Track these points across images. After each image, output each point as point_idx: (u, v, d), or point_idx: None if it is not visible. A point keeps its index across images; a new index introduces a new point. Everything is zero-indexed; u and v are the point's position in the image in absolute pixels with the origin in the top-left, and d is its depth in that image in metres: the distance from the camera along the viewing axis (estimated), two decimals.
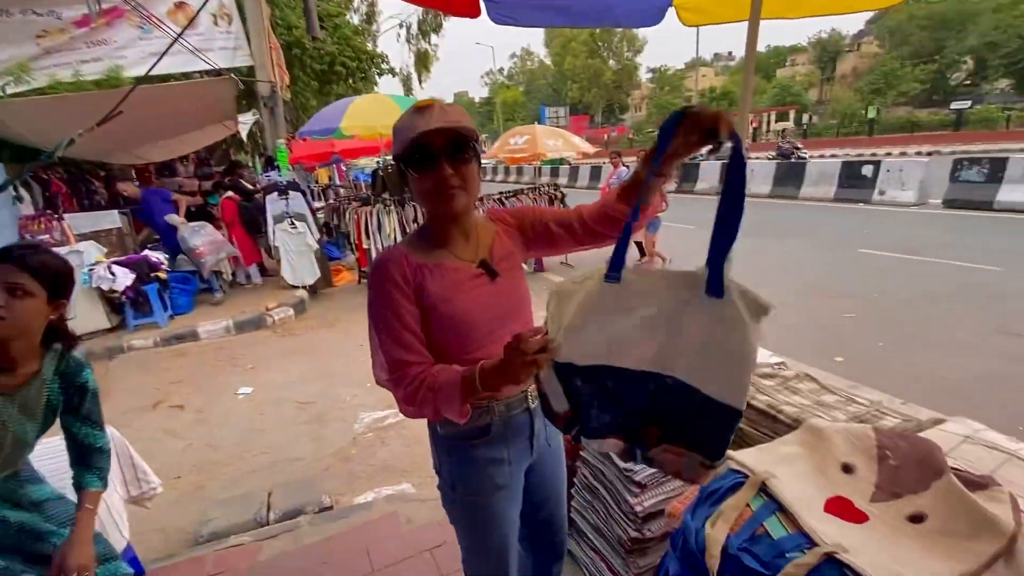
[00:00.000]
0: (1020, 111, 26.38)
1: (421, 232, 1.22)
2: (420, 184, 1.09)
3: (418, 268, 1.13)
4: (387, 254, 1.16)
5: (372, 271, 1.15)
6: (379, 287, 1.12)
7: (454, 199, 1.09)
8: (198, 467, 3.22)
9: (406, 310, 1.10)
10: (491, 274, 1.17)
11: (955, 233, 8.05)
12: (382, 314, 1.11)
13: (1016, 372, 3.70)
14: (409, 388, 1.06)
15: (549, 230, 1.27)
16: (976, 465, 1.25)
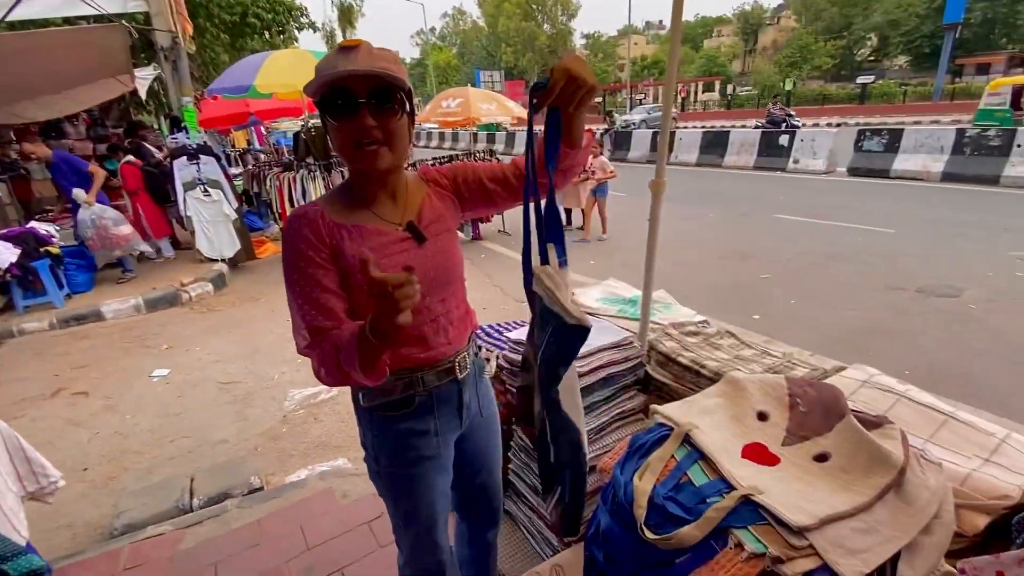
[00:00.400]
0: (915, 87, 28.87)
1: (343, 189, 1.11)
2: (338, 134, 1.00)
3: (335, 228, 1.04)
4: (301, 211, 1.05)
5: (285, 229, 1.05)
6: (293, 247, 1.02)
7: (376, 156, 1.00)
8: (108, 457, 2.97)
9: (323, 272, 1.01)
10: (418, 238, 1.10)
11: (857, 199, 8.77)
12: (296, 277, 1.02)
13: (903, 323, 4.14)
14: (322, 353, 0.98)
15: (483, 186, 1.21)
16: (872, 406, 1.37)
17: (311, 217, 1.03)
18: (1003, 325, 3.97)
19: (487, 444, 1.36)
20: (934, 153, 9.89)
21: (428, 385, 1.14)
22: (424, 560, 1.28)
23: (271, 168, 7.16)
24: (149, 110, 13.25)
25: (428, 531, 1.24)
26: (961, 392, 3.08)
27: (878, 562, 0.81)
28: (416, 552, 1.28)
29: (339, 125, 0.98)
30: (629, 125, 22.68)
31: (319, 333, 0.99)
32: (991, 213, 7.26)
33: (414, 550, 1.28)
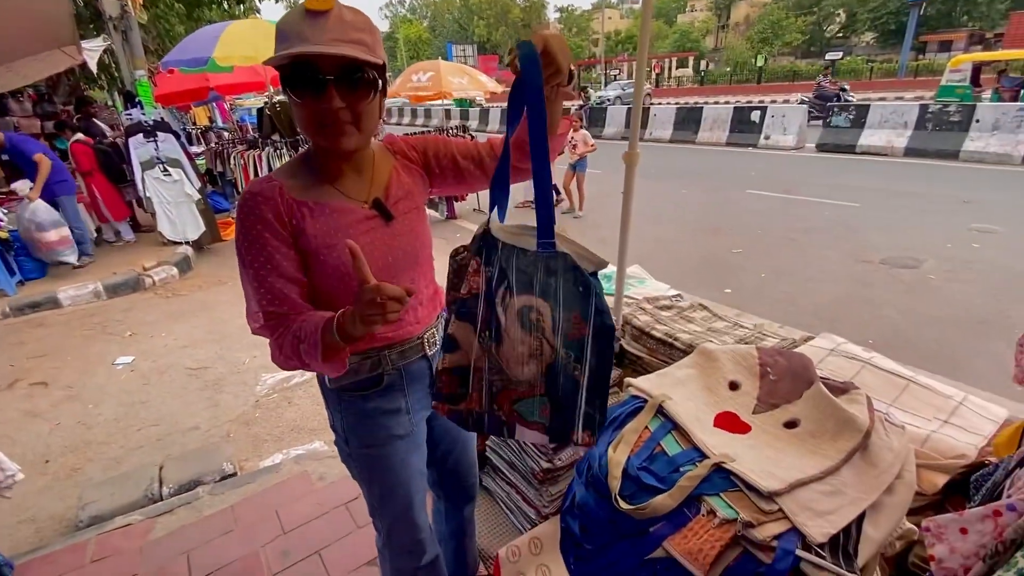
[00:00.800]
0: (880, 63, 29.37)
1: (303, 161, 1.03)
2: (301, 111, 0.92)
3: (296, 205, 0.97)
4: (257, 187, 0.97)
5: (240, 206, 0.96)
6: (248, 227, 0.95)
7: (341, 137, 0.93)
8: (71, 448, 2.86)
9: (281, 255, 0.95)
10: (385, 216, 1.04)
11: (825, 174, 8.96)
12: (251, 259, 0.95)
13: (866, 293, 4.27)
14: (279, 338, 0.94)
15: (456, 164, 1.15)
16: (839, 373, 1.40)
17: (268, 194, 0.95)
18: (960, 294, 4.14)
19: None
20: (898, 128, 10.13)
21: (396, 363, 1.11)
22: (404, 540, 1.26)
23: (235, 146, 6.88)
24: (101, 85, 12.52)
25: (405, 510, 1.21)
26: (921, 358, 3.21)
27: (844, 523, 0.83)
28: (395, 532, 1.26)
29: (302, 103, 0.90)
30: (604, 101, 22.55)
31: (274, 318, 0.95)
32: (951, 187, 7.51)
33: (392, 530, 1.26)
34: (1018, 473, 0.59)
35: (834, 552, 0.81)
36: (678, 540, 0.87)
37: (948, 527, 0.56)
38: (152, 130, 5.71)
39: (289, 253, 0.96)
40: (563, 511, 1.09)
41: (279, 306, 0.94)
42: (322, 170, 1.02)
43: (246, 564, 1.88)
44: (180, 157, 5.86)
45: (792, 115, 11.77)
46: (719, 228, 6.32)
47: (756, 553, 0.82)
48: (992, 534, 0.51)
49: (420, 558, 1.29)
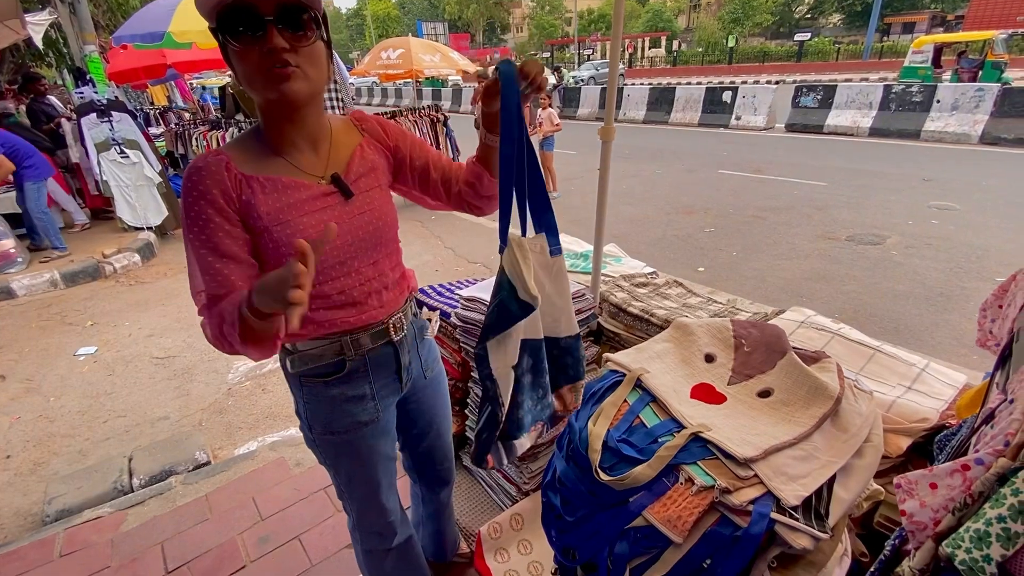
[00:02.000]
0: (847, 44, 29.90)
1: (252, 134, 0.97)
2: (243, 59, 0.85)
3: (244, 181, 0.91)
4: (202, 161, 0.90)
5: (184, 182, 0.90)
6: (190, 204, 0.89)
7: (289, 82, 0.85)
8: (33, 442, 2.75)
9: (224, 232, 0.89)
10: (345, 193, 0.98)
11: (794, 154, 9.13)
12: (193, 238, 0.89)
13: (833, 269, 4.40)
14: (205, 320, 0.89)
15: (427, 173, 1.11)
16: (809, 344, 1.44)
17: (214, 170, 0.89)
18: (920, 268, 4.30)
19: (433, 405, 1.31)
20: (863, 109, 10.37)
21: (361, 349, 1.06)
22: (372, 523, 1.26)
23: (196, 127, 6.60)
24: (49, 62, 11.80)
25: (372, 495, 1.20)
26: (884, 330, 3.33)
27: (816, 485, 0.86)
28: (364, 516, 1.25)
29: (243, 48, 0.84)
30: (578, 81, 22.41)
31: (215, 301, 0.88)
32: (913, 165, 7.75)
33: (361, 514, 1.25)
34: (983, 430, 0.61)
35: (807, 513, 0.84)
36: (657, 508, 0.88)
37: (918, 483, 0.58)
38: (106, 109, 5.42)
39: (234, 231, 0.91)
40: (544, 485, 1.10)
41: (218, 288, 0.88)
42: (274, 142, 0.95)
43: (223, 552, 1.85)
44: (138, 138, 5.59)
45: (762, 96, 11.91)
46: (692, 208, 6.40)
47: (733, 517, 0.84)
48: (961, 487, 0.53)
49: (390, 540, 1.29)
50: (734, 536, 0.83)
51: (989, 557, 0.47)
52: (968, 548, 0.49)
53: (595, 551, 0.95)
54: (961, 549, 0.49)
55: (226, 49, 0.88)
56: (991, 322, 0.89)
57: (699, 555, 0.85)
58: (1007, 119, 8.71)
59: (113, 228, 6.00)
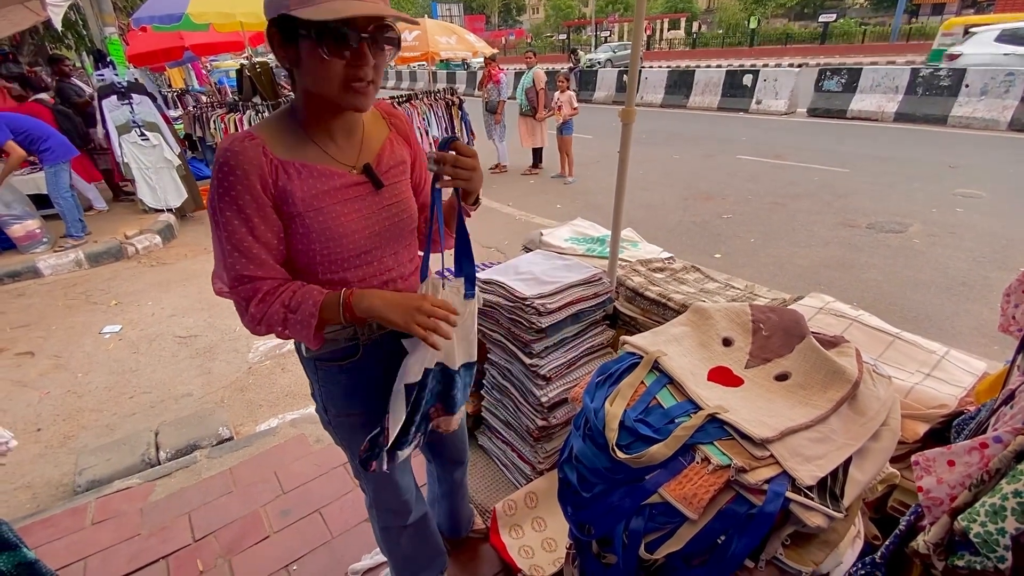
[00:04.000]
0: (874, 26, 28.93)
1: (285, 117, 0.97)
2: (326, 68, 0.86)
3: (280, 166, 0.92)
4: (238, 144, 0.90)
5: (219, 163, 0.89)
6: (227, 187, 0.89)
7: (365, 97, 0.91)
8: (63, 416, 2.86)
9: (261, 218, 0.91)
10: (375, 183, 1.01)
11: (816, 139, 8.93)
12: (225, 221, 0.90)
13: (853, 257, 4.34)
14: (261, 304, 0.92)
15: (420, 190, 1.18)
16: (827, 331, 1.43)
17: (252, 154, 0.89)
18: (943, 257, 4.22)
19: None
20: (889, 93, 10.08)
21: (374, 333, 1.10)
22: (389, 501, 1.30)
23: (214, 109, 6.65)
24: (68, 44, 11.94)
25: (387, 475, 1.23)
26: (904, 319, 3.29)
27: (832, 467, 0.87)
28: (379, 494, 1.29)
29: (331, 61, 0.85)
30: (594, 64, 22.05)
31: (247, 282, 0.92)
32: (938, 152, 7.55)
33: (377, 492, 1.29)
34: (1003, 410, 0.62)
35: (821, 494, 0.85)
36: (673, 486, 0.90)
37: (936, 460, 0.59)
38: (126, 92, 5.49)
39: (270, 216, 0.93)
40: (561, 463, 1.12)
41: (254, 271, 0.92)
42: (310, 128, 0.97)
43: (247, 523, 1.92)
44: (158, 120, 5.66)
45: (784, 79, 11.63)
46: (710, 194, 6.32)
47: (748, 496, 0.85)
48: (978, 464, 0.54)
49: (406, 517, 1.33)
50: (749, 514, 0.84)
51: (1004, 530, 0.48)
52: (983, 522, 0.50)
53: (611, 526, 0.97)
54: (976, 523, 0.50)
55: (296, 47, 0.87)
56: (1014, 307, 0.88)
57: (714, 531, 0.87)
58: None
59: (134, 210, 6.11)
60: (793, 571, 0.88)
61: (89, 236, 5.30)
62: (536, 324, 1.59)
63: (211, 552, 1.81)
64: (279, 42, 0.89)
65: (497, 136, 7.83)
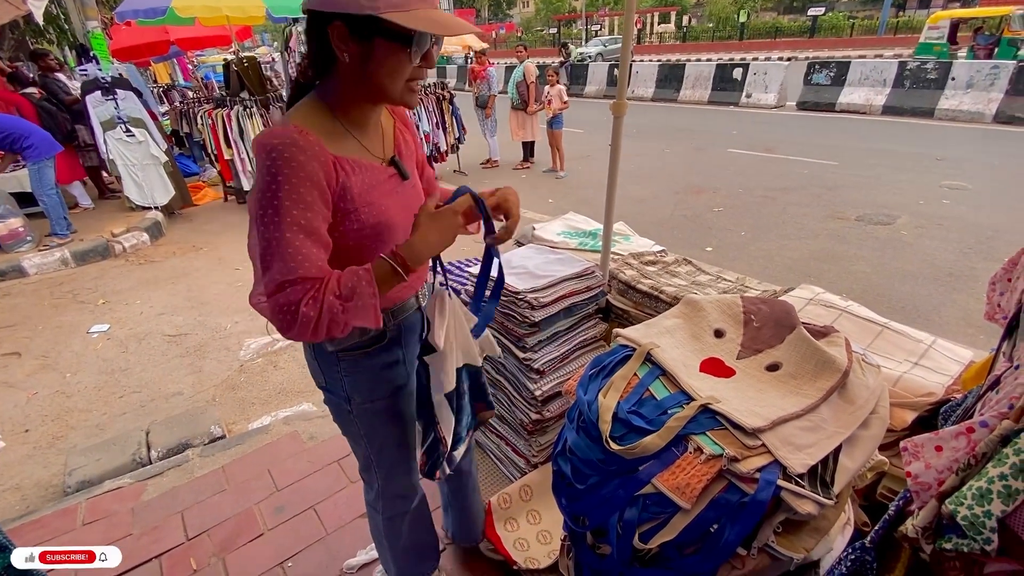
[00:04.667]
0: (862, 19, 29.10)
1: (320, 114, 0.94)
2: (396, 68, 0.90)
3: (337, 163, 0.91)
4: (290, 137, 0.85)
5: (276, 155, 0.84)
6: (284, 180, 0.84)
7: (416, 93, 0.98)
8: (51, 417, 2.83)
9: (324, 217, 0.89)
10: (402, 175, 1.06)
11: (805, 132, 8.99)
12: (284, 215, 0.84)
13: (842, 249, 4.38)
14: (313, 303, 0.83)
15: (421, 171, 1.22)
16: (817, 321, 1.44)
17: (310, 148, 0.86)
18: (930, 249, 4.27)
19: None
20: (877, 86, 10.17)
21: (397, 318, 1.14)
22: (400, 486, 1.31)
23: (201, 105, 6.56)
24: (50, 39, 11.71)
25: (404, 457, 1.27)
26: (892, 310, 3.33)
27: (822, 455, 0.88)
28: (391, 481, 1.30)
29: (410, 64, 0.91)
30: (585, 58, 22.00)
31: (297, 283, 0.84)
32: (925, 144, 7.63)
33: (388, 479, 1.29)
34: (989, 396, 0.63)
35: (812, 481, 0.86)
36: (666, 476, 0.91)
37: (924, 445, 0.60)
38: (110, 87, 5.40)
39: (326, 213, 0.90)
40: (555, 455, 1.12)
41: (307, 270, 0.84)
42: (347, 123, 0.97)
43: (241, 521, 1.91)
44: (143, 116, 5.57)
45: (774, 72, 11.69)
46: (700, 187, 6.34)
47: (740, 485, 0.86)
48: (965, 449, 0.55)
49: (412, 500, 1.36)
50: (741, 502, 0.85)
51: (990, 513, 0.49)
52: (970, 505, 0.51)
53: (605, 517, 0.98)
54: (963, 506, 0.51)
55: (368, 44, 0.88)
56: (1000, 295, 0.90)
57: (707, 520, 0.87)
58: (1022, 97, 8.52)
59: (121, 207, 6.03)
60: (785, 558, 0.89)
61: (75, 234, 5.22)
62: (529, 318, 1.59)
63: (204, 551, 1.80)
64: (346, 36, 0.87)
65: (488, 131, 7.81)
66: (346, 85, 0.94)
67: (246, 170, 5.95)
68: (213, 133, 5.94)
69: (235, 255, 4.92)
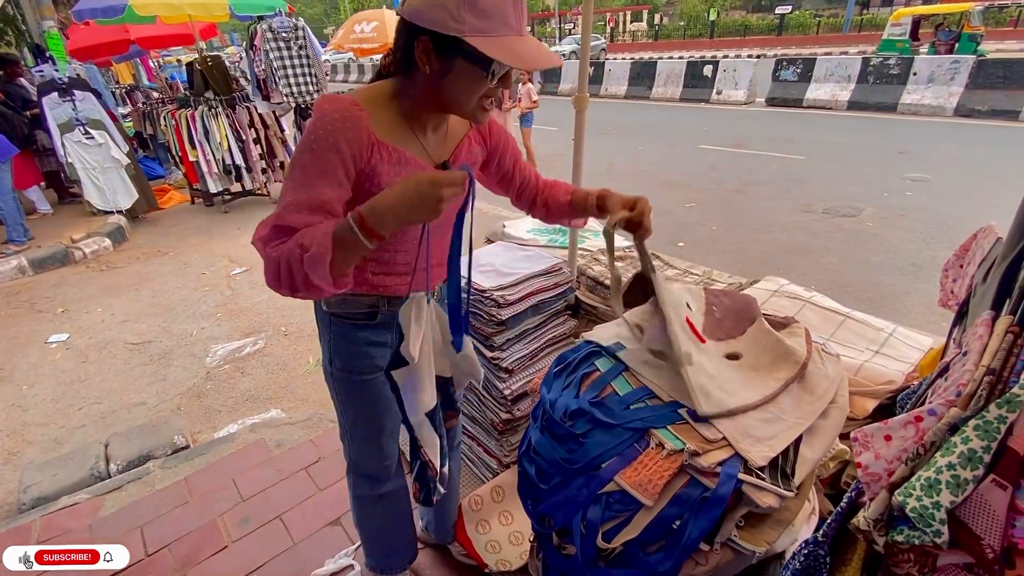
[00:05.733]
0: (828, 17, 29.82)
1: (396, 98, 0.99)
2: (474, 86, 0.93)
3: (377, 146, 0.94)
4: (344, 108, 0.91)
5: (322, 116, 0.90)
6: (315, 141, 0.89)
7: (487, 113, 1.01)
8: (6, 432, 2.70)
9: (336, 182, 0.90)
10: None
11: (774, 128, 9.16)
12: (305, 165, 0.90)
13: (811, 242, 4.46)
14: (274, 248, 0.86)
15: (512, 175, 1.25)
16: (782, 312, 1.45)
17: (356, 122, 0.91)
18: (894, 239, 4.38)
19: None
20: (842, 82, 10.42)
21: (394, 306, 1.14)
22: (369, 463, 1.32)
23: (164, 106, 6.36)
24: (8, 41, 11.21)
25: (374, 437, 1.27)
26: (859, 299, 3.40)
27: (783, 446, 0.87)
28: (360, 457, 1.32)
29: (479, 81, 0.93)
30: (566, 56, 22.05)
31: (280, 229, 0.87)
32: (889, 138, 7.84)
33: (359, 455, 1.32)
34: (938, 383, 0.62)
35: (773, 473, 0.85)
36: (629, 473, 0.89)
37: (873, 435, 0.59)
38: (67, 88, 5.19)
39: (345, 184, 0.92)
40: (520, 455, 1.10)
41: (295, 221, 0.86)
42: (413, 120, 1.01)
43: (204, 533, 1.85)
44: (102, 118, 5.37)
45: (743, 69, 11.88)
46: (673, 183, 6.40)
47: (701, 479, 0.85)
48: (914, 438, 0.54)
49: (382, 485, 1.35)
50: (703, 497, 0.84)
51: (939, 504, 0.48)
52: (919, 496, 0.50)
53: (569, 517, 0.96)
54: (912, 497, 0.50)
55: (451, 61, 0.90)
56: (952, 281, 0.90)
57: (669, 517, 0.86)
58: (981, 91, 8.82)
59: (82, 212, 5.81)
60: (748, 551, 0.88)
61: (32, 241, 5.02)
62: (496, 316, 1.56)
63: (165, 566, 1.73)
64: (430, 50, 0.91)
65: None
66: (421, 90, 0.97)
67: (212, 172, 5.79)
68: (177, 134, 5.76)
69: (201, 258, 4.78)
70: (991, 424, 0.48)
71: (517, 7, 0.89)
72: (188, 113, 5.65)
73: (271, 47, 5.43)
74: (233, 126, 5.71)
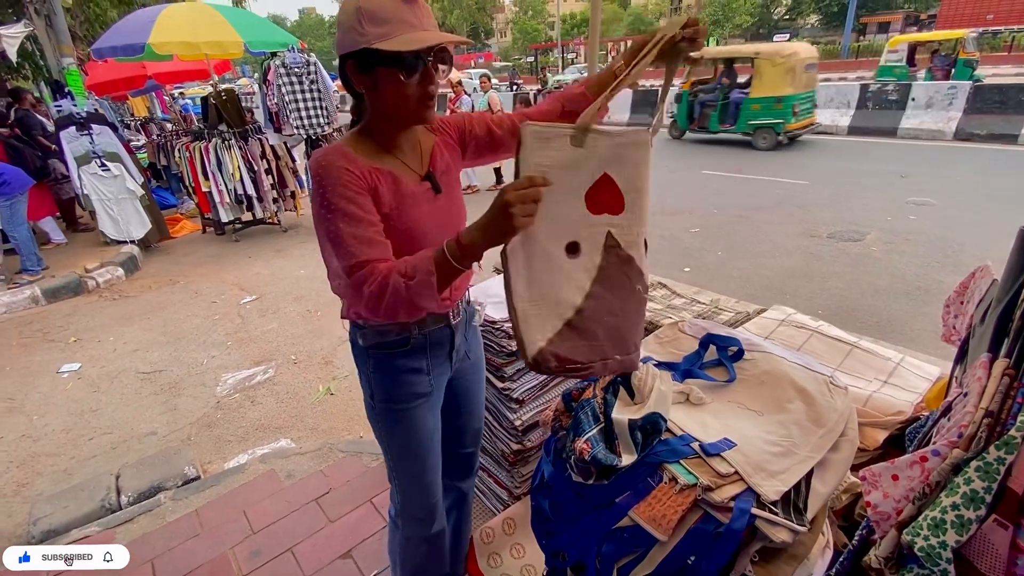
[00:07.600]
0: (825, 44, 30.40)
1: (361, 135, 1.08)
2: (403, 90, 0.99)
3: (370, 171, 1.02)
4: (330, 156, 1.00)
5: (321, 167, 0.99)
6: (332, 182, 0.97)
7: (432, 109, 1.05)
8: (17, 463, 2.71)
9: (367, 207, 0.99)
10: (435, 188, 1.13)
11: (776, 153, 9.27)
12: (340, 211, 0.97)
13: (816, 266, 4.48)
14: (374, 285, 0.94)
15: (492, 134, 1.24)
16: (789, 342, 1.47)
17: (346, 158, 1.00)
18: (899, 264, 4.40)
19: (471, 383, 1.40)
20: (842, 108, 10.57)
21: (424, 328, 1.18)
22: (418, 506, 1.32)
23: (178, 137, 6.54)
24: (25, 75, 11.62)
25: (419, 474, 1.27)
26: (866, 325, 3.40)
27: (795, 480, 0.88)
28: (409, 498, 1.31)
29: (407, 82, 0.98)
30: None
31: (363, 266, 0.95)
32: (890, 162, 7.91)
33: (407, 496, 1.31)
34: (941, 423, 0.64)
35: (786, 508, 0.86)
36: (643, 508, 0.90)
37: (882, 475, 0.61)
38: (85, 122, 5.36)
39: (373, 209, 1.00)
40: (532, 490, 1.11)
41: (369, 253, 0.96)
42: (385, 142, 1.09)
43: (215, 567, 1.84)
44: (119, 150, 5.53)
45: None
46: (677, 209, 6.47)
47: (715, 514, 0.86)
48: (920, 478, 0.56)
49: (430, 526, 1.35)
50: (716, 532, 0.85)
51: (945, 543, 0.50)
52: (926, 536, 0.52)
53: (583, 552, 0.97)
54: (920, 537, 0.52)
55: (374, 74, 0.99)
56: (954, 318, 0.93)
57: (683, 552, 0.87)
58: (979, 115, 8.93)
59: (95, 242, 5.92)
60: None
61: (46, 271, 5.10)
62: (506, 347, 1.59)
63: None
64: (356, 71, 1.01)
65: None
66: (373, 114, 1.07)
67: (224, 201, 5.91)
68: (191, 165, 5.91)
69: (212, 287, 4.85)
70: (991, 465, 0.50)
71: (414, 7, 0.96)
72: (202, 145, 5.81)
73: (283, 82, 5.61)
74: (245, 157, 5.85)
